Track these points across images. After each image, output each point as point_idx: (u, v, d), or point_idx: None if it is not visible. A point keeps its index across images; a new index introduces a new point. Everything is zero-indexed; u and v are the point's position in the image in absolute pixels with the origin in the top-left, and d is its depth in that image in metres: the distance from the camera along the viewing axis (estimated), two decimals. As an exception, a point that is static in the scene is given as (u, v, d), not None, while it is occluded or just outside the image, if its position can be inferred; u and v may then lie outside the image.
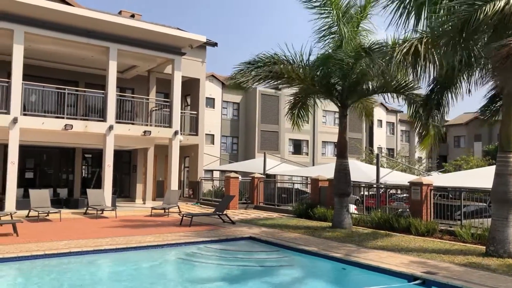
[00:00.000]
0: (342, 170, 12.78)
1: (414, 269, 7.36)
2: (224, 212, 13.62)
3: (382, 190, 17.27)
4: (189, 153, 22.10)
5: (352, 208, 15.44)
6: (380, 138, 46.52)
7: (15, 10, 14.32)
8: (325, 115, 40.16)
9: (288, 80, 12.61)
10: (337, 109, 13.72)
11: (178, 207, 15.91)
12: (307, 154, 39.56)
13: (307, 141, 39.55)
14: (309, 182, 17.69)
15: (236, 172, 20.47)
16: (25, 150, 16.84)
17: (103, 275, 8.22)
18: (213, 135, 33.76)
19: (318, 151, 39.96)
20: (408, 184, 12.87)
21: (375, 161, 19.04)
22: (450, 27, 8.17)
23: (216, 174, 30.13)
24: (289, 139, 38.25)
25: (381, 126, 46.72)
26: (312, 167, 27.44)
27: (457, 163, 34.83)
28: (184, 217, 12.97)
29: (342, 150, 13.08)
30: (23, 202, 14.71)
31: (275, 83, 13.00)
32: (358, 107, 14.28)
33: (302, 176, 24.42)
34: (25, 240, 9.48)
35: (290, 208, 16.70)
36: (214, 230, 11.78)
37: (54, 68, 18.94)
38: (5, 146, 15.58)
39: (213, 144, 33.68)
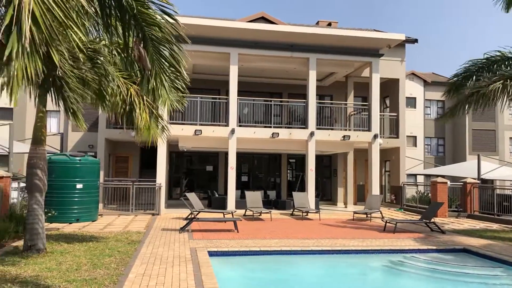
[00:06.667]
0: None
1: None
2: (432, 220, 12.64)
3: None
4: (389, 157, 21.37)
5: None
6: None
7: (231, 35, 16.55)
8: (560, 107, 33.03)
9: None
10: None
11: (381, 212, 15.53)
12: (534, 155, 33.21)
13: (535, 139, 33.22)
14: (539, 189, 14.86)
15: (443, 176, 18.77)
16: (240, 157, 19.20)
17: (310, 275, 8.64)
18: (415, 137, 31.69)
19: (551, 151, 33.10)
20: None
21: None
22: None
23: (420, 179, 28.21)
24: (510, 138, 32.86)
25: None
26: (543, 171, 22.89)
27: None
28: (387, 223, 12.58)
29: None
30: (240, 202, 16.76)
31: None
32: None
33: (529, 182, 20.70)
34: (243, 236, 10.76)
35: (514, 219, 14.38)
36: (421, 238, 11.04)
37: (261, 83, 21.10)
38: (225, 154, 18.18)
39: (416, 146, 31.59)
